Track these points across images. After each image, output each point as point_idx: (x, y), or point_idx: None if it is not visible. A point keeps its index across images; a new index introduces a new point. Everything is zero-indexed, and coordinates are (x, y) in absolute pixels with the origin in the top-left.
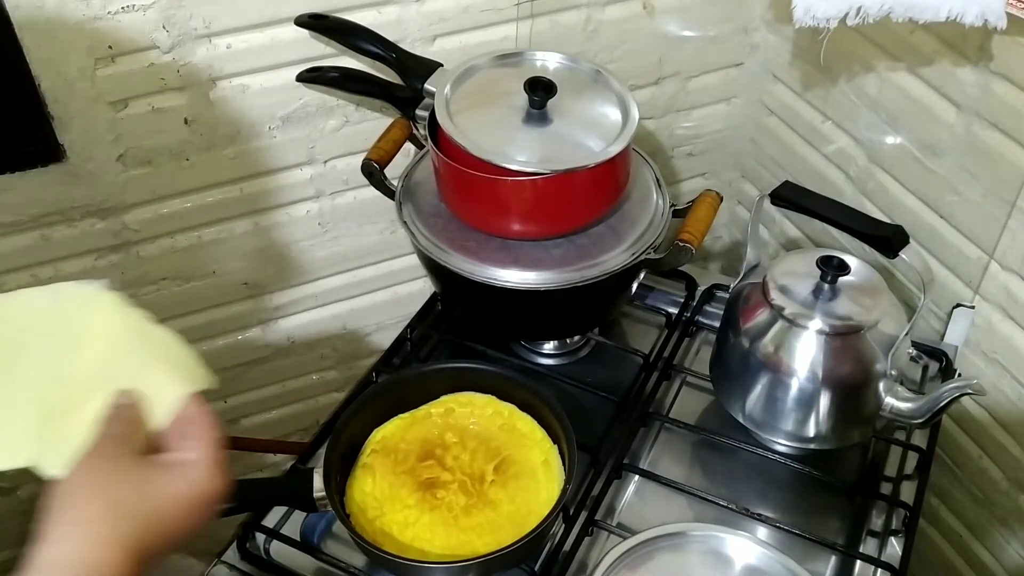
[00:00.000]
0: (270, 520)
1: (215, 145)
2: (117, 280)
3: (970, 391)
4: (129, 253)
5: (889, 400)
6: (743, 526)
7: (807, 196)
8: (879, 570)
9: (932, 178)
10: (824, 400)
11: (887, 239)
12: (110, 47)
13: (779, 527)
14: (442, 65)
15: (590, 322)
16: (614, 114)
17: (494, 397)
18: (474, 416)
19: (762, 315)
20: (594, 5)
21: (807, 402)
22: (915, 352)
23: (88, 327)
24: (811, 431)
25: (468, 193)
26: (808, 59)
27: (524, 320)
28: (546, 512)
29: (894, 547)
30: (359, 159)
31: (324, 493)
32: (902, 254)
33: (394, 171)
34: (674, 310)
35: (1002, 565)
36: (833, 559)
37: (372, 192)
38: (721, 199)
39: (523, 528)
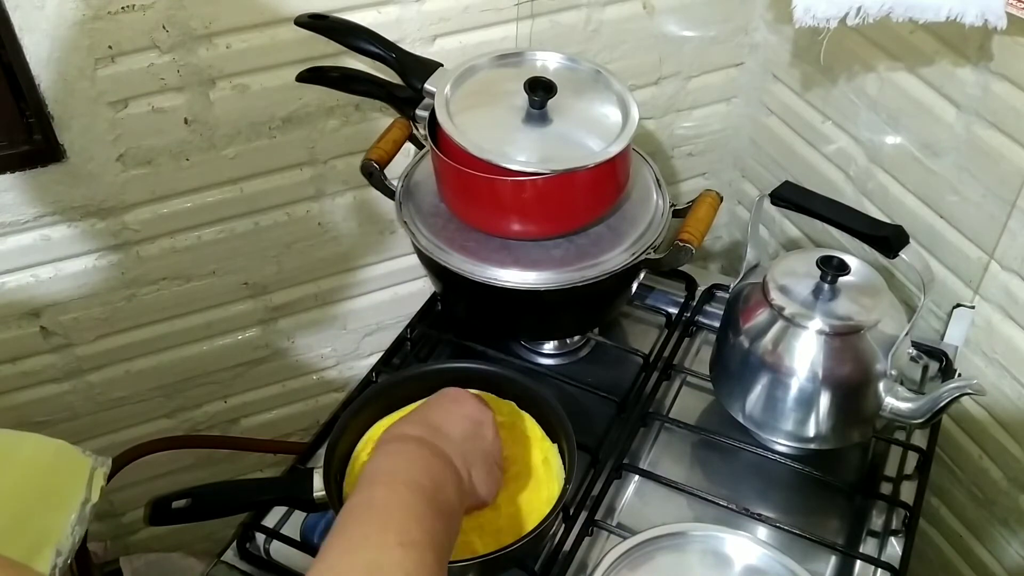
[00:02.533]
0: (270, 520)
1: (215, 145)
2: (117, 280)
3: (970, 391)
4: (129, 253)
5: (889, 400)
6: (743, 526)
7: (807, 196)
8: (879, 570)
9: (932, 178)
10: (824, 400)
11: (887, 239)
12: (110, 47)
13: (779, 527)
14: (442, 65)
15: (590, 322)
16: (614, 114)
17: (493, 396)
18: None
19: (762, 315)
20: (594, 5)
21: (807, 402)
22: (915, 352)
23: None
24: (811, 431)
25: (468, 193)
26: (808, 59)
27: (524, 320)
28: (546, 512)
29: (894, 547)
30: (359, 159)
31: (324, 493)
32: (902, 254)
33: (394, 171)
34: (674, 310)
35: (1002, 565)
36: (833, 559)
37: (372, 192)
38: (721, 199)
39: (523, 528)
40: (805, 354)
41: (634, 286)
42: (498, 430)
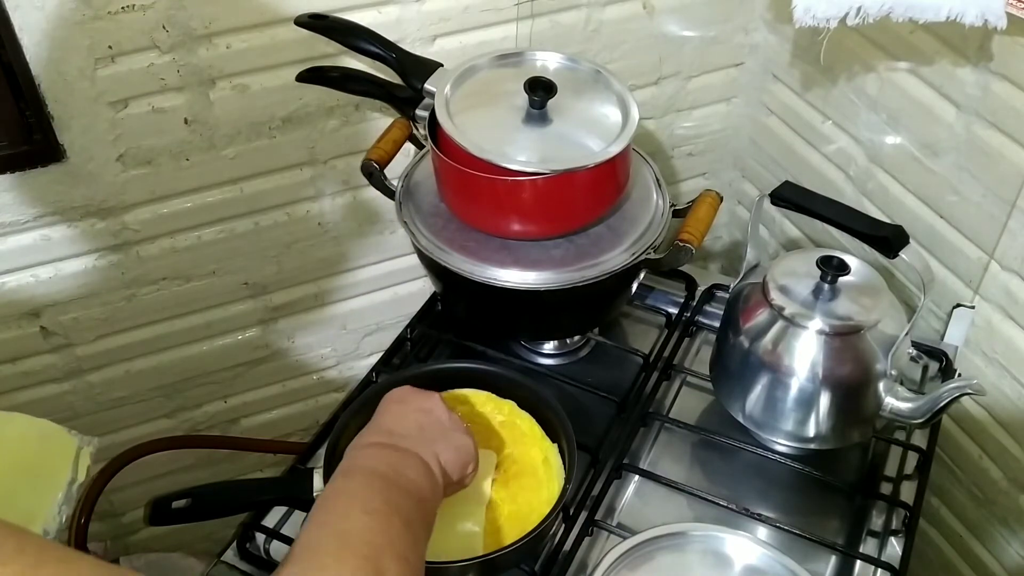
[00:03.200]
0: (270, 520)
1: (215, 145)
2: (117, 280)
3: (970, 391)
4: (129, 253)
5: (889, 400)
6: (743, 526)
7: (807, 196)
8: (879, 570)
9: (932, 178)
10: (824, 400)
11: (887, 239)
12: (110, 47)
13: (779, 527)
14: (442, 65)
15: (590, 322)
16: (614, 114)
17: (493, 395)
18: (473, 413)
19: (762, 315)
20: (594, 5)
21: (807, 402)
22: (915, 352)
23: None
24: (811, 431)
25: (468, 193)
26: (808, 59)
27: (524, 320)
28: (546, 512)
29: (894, 547)
30: (359, 159)
31: None
32: (902, 254)
33: (394, 171)
34: (674, 310)
35: (1002, 565)
36: (833, 559)
37: (372, 192)
38: (721, 199)
39: (524, 528)
40: (805, 354)
41: (634, 286)
42: (451, 407)
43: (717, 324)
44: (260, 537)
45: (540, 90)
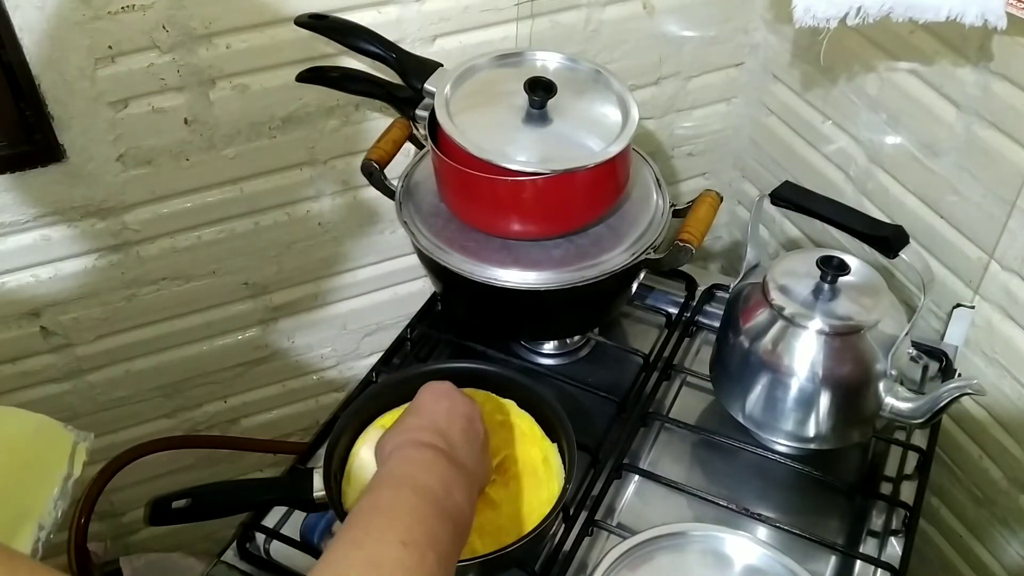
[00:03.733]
0: (270, 520)
1: (215, 145)
2: (117, 280)
3: (970, 391)
4: (129, 253)
5: (889, 400)
6: (743, 526)
7: (807, 196)
8: (879, 570)
9: (932, 178)
10: (824, 400)
11: (887, 239)
12: (110, 47)
13: (779, 527)
14: (442, 65)
15: (590, 322)
16: (614, 114)
17: (493, 395)
18: None
19: (762, 315)
20: (594, 5)
21: (807, 402)
22: (915, 352)
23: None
24: (811, 431)
25: (468, 193)
26: (808, 59)
27: (524, 320)
28: (546, 512)
29: (894, 547)
30: (359, 159)
31: (324, 493)
32: (902, 254)
33: (394, 171)
34: (674, 310)
35: (1002, 565)
36: (833, 559)
37: (372, 192)
38: (721, 199)
39: (523, 528)
40: (805, 354)
41: (634, 286)
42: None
43: (717, 324)
44: (260, 537)
45: (540, 90)
